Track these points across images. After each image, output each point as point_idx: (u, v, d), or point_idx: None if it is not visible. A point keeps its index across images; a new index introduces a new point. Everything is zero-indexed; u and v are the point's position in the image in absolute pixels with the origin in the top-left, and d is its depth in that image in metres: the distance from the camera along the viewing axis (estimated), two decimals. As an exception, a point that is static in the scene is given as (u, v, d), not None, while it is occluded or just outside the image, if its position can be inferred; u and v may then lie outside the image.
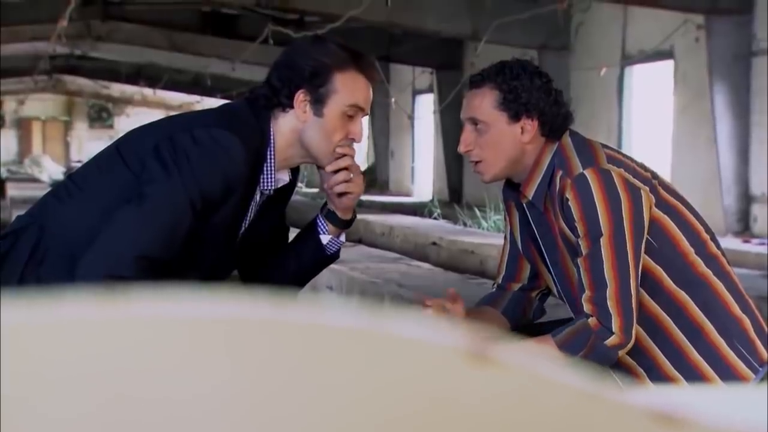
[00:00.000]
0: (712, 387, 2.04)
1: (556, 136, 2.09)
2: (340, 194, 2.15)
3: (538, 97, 2.06)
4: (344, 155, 2.09)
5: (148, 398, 0.41)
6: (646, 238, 2.03)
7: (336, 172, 2.11)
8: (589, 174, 2.00)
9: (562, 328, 2.04)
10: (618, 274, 1.98)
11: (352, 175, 2.12)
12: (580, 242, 2.01)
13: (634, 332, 2.00)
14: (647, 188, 2.05)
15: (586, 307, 2.01)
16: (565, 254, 2.09)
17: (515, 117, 2.07)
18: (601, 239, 1.98)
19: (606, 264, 1.98)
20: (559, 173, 2.04)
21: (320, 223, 2.23)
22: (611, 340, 1.99)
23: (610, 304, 1.99)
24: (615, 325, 1.98)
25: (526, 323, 2.26)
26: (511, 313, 2.24)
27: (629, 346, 2.01)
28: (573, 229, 2.02)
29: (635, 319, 2.00)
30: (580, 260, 2.01)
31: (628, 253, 1.99)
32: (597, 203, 1.98)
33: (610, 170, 2.01)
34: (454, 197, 13.79)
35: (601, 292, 1.99)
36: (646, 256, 2.04)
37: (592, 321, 2.00)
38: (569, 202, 2.00)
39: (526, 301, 2.25)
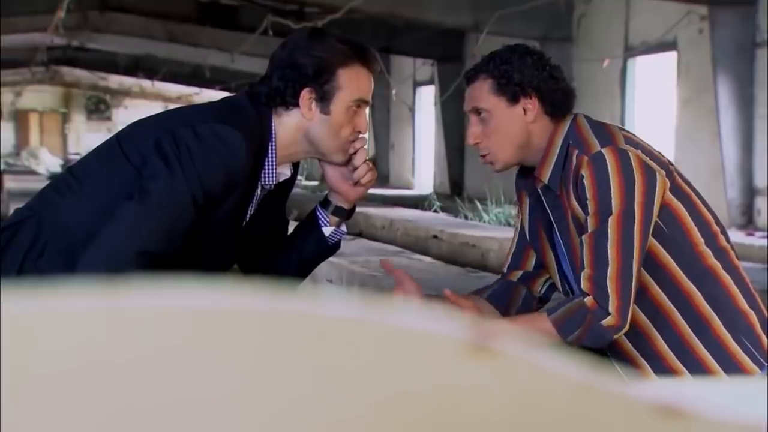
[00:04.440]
0: (714, 379, 2.03)
1: (562, 113, 2.09)
2: (358, 184, 2.16)
3: (531, 74, 2.06)
4: (360, 148, 2.11)
5: (146, 390, 0.41)
6: (658, 223, 2.03)
7: (346, 165, 2.13)
8: (606, 153, 1.99)
9: (557, 306, 2.03)
10: (621, 255, 1.98)
11: (370, 164, 2.15)
12: (588, 219, 2.00)
13: (629, 316, 1.99)
14: (664, 172, 2.04)
15: (584, 285, 2.00)
16: (575, 238, 2.08)
17: (513, 99, 2.07)
18: (610, 218, 1.98)
19: (611, 243, 1.98)
20: (575, 152, 2.03)
21: (321, 216, 2.23)
22: (607, 321, 1.98)
23: (609, 285, 1.98)
24: (612, 305, 1.98)
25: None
26: (496, 299, 2.22)
27: (624, 329, 2.00)
28: (584, 207, 2.01)
29: (632, 303, 1.99)
30: (585, 237, 2.00)
31: (635, 235, 1.98)
32: (612, 182, 1.98)
33: (628, 151, 2.01)
34: (455, 190, 13.80)
35: (602, 271, 1.98)
36: (657, 244, 2.04)
37: (588, 300, 1.99)
38: (584, 180, 1.99)
39: (514, 290, 2.23)
